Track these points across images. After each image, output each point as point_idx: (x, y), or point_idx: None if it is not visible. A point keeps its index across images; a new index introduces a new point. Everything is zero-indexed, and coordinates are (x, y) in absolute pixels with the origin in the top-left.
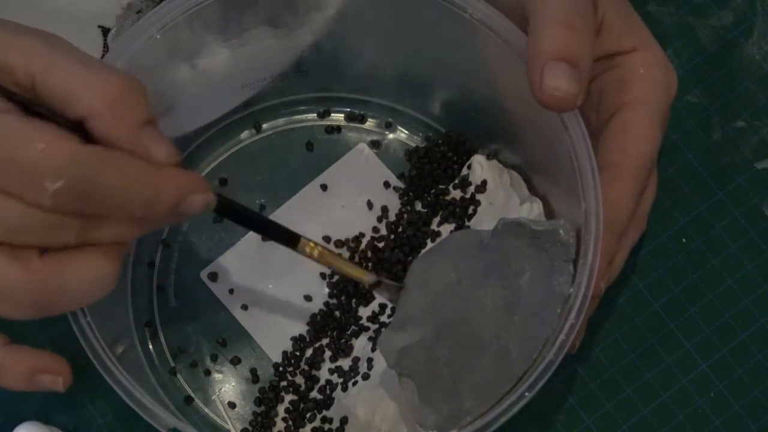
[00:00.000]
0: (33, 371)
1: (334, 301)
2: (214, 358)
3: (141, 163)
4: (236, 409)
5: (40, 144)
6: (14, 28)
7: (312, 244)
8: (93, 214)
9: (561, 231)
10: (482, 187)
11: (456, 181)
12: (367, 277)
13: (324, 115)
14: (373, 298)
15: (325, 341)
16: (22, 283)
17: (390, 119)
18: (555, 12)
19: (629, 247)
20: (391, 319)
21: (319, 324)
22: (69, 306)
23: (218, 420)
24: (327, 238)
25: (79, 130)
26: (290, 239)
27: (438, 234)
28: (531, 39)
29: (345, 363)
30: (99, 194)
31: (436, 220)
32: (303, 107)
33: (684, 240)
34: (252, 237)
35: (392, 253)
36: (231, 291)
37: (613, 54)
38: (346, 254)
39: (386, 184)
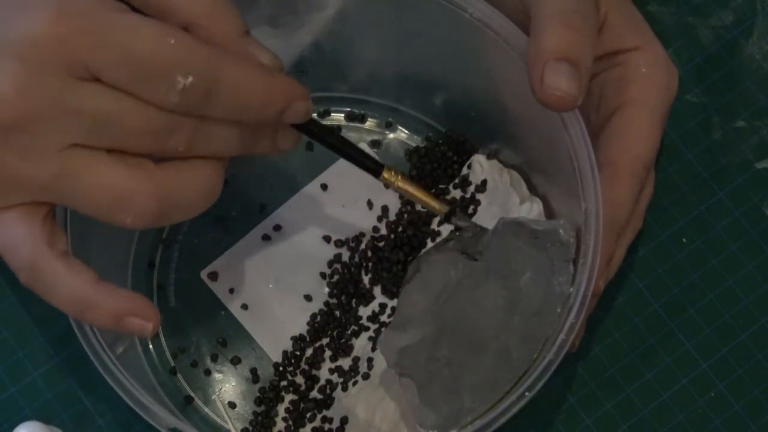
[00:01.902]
0: (124, 312)
1: (334, 301)
2: (214, 358)
3: (257, 64)
4: (236, 409)
5: (171, 39)
6: None
7: (394, 173)
8: (208, 118)
9: (561, 231)
10: (482, 186)
11: (456, 181)
12: (440, 207)
13: (324, 115)
14: (373, 298)
15: (325, 341)
16: (144, 191)
17: (390, 119)
18: (557, 12)
19: (627, 245)
20: (391, 319)
21: (319, 324)
22: (181, 216)
23: (218, 420)
24: (327, 238)
25: None
26: (374, 166)
27: (438, 234)
28: (532, 38)
29: (345, 363)
30: (222, 93)
31: (436, 220)
32: None
33: (684, 240)
34: (252, 237)
35: (392, 252)
36: (231, 291)
37: (614, 52)
38: (347, 254)
39: (386, 184)
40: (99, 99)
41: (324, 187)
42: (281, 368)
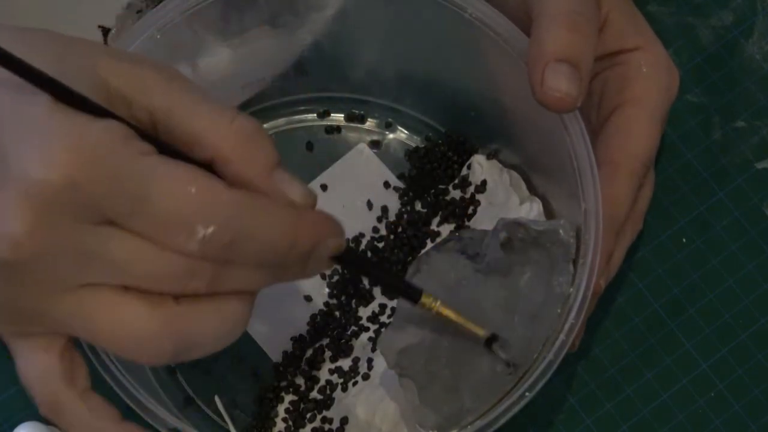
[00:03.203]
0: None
1: (334, 301)
2: (214, 358)
3: (285, 207)
4: (236, 409)
5: (192, 187)
6: (132, 57)
7: (433, 299)
8: (232, 261)
9: (561, 231)
10: (482, 187)
11: (456, 181)
12: (482, 333)
13: (324, 115)
14: (373, 298)
15: (325, 341)
16: (164, 333)
17: (390, 119)
18: (558, 13)
19: (627, 245)
20: (391, 319)
21: (319, 324)
22: (202, 354)
23: (218, 420)
24: None
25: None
26: (413, 294)
27: (438, 234)
28: (533, 39)
29: (345, 363)
30: (245, 241)
31: (436, 220)
32: (303, 107)
33: (684, 240)
34: None
35: (392, 253)
36: None
37: (615, 52)
38: None
39: (386, 184)
40: (113, 244)
41: (324, 187)
42: (281, 368)
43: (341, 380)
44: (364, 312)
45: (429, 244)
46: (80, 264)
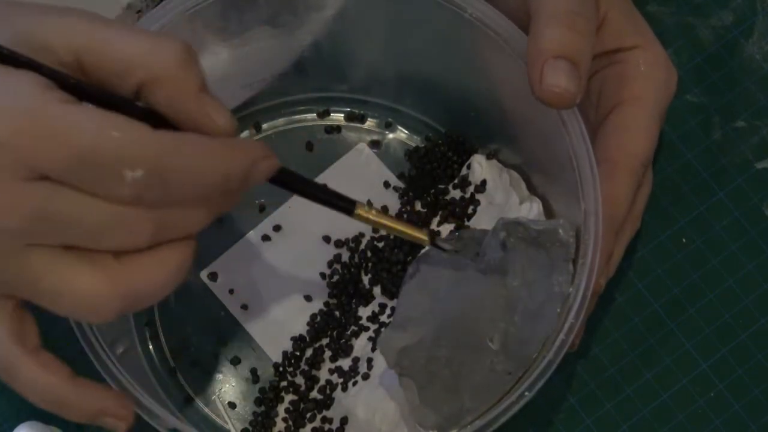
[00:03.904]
0: (99, 411)
1: (334, 301)
2: (214, 358)
3: (211, 138)
4: (236, 409)
5: (114, 132)
6: (47, 9)
7: (367, 208)
8: (167, 203)
9: (560, 230)
10: (482, 186)
11: (456, 181)
12: (422, 235)
13: (324, 115)
14: (373, 298)
15: (325, 341)
16: (106, 292)
17: (390, 119)
18: (557, 11)
19: (625, 244)
20: (391, 319)
21: (319, 324)
22: (149, 304)
23: (218, 420)
24: (327, 238)
25: (137, 114)
26: (346, 205)
27: (438, 234)
28: (531, 37)
29: (345, 363)
30: (177, 178)
31: (436, 219)
32: (303, 107)
33: (684, 240)
34: (252, 237)
35: (392, 253)
36: (231, 291)
37: (614, 50)
38: (347, 254)
39: (386, 184)
40: (48, 198)
41: None
42: (281, 368)
43: (341, 380)
44: (364, 312)
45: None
46: (18, 225)
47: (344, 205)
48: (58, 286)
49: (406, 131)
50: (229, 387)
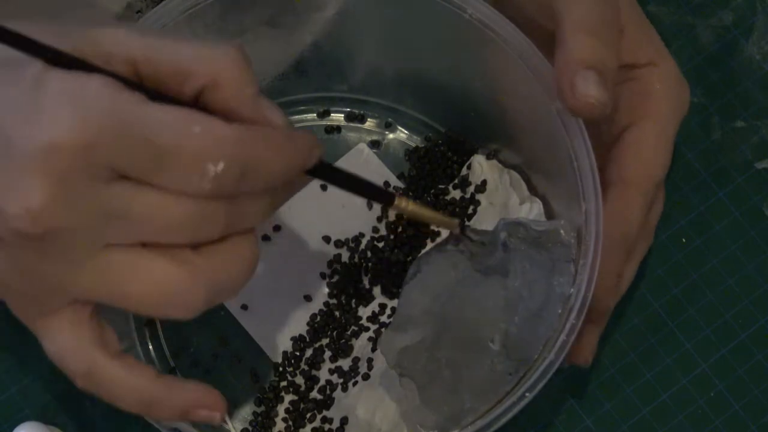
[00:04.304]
0: (191, 405)
1: (334, 301)
2: (214, 358)
3: (277, 130)
4: (236, 409)
5: (196, 127)
6: (100, 22)
7: (405, 200)
8: (241, 197)
9: (561, 231)
10: (482, 187)
11: (456, 181)
12: (452, 222)
13: (324, 115)
14: (373, 298)
15: (325, 341)
16: (192, 285)
17: (390, 119)
18: (585, 21)
19: (638, 262)
20: (391, 319)
21: (319, 324)
22: (230, 295)
23: None
24: (327, 238)
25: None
26: (387, 198)
27: (438, 234)
28: (560, 48)
29: (345, 363)
30: (254, 170)
31: None
32: (303, 107)
33: (684, 240)
34: None
35: (392, 253)
36: None
37: (629, 65)
38: (347, 254)
39: (386, 184)
40: (128, 198)
41: (324, 187)
42: (281, 368)
43: (341, 380)
44: (364, 312)
45: (429, 244)
46: (100, 225)
47: (385, 196)
48: (144, 284)
49: (406, 131)
50: (229, 387)
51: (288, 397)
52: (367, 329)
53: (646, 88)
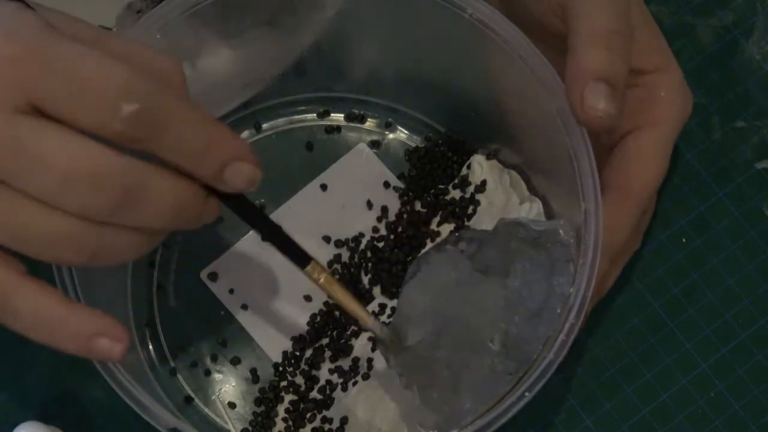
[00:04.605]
0: (92, 333)
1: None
2: (214, 358)
3: (199, 107)
4: (236, 409)
5: (117, 66)
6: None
7: (319, 270)
8: (148, 176)
9: (561, 231)
10: (482, 187)
11: (456, 181)
12: (369, 321)
13: (324, 115)
14: (373, 298)
15: (325, 341)
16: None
17: (390, 119)
18: (597, 30)
19: (621, 267)
20: (391, 319)
21: (319, 324)
22: (149, 224)
23: (218, 420)
24: (327, 238)
25: None
26: (301, 260)
27: (438, 234)
28: (571, 58)
29: (345, 363)
30: (165, 127)
31: (436, 220)
32: (303, 107)
33: (684, 240)
34: (252, 237)
35: (392, 253)
36: (231, 291)
37: (636, 71)
38: (346, 254)
39: (386, 184)
40: (42, 134)
41: (324, 187)
42: (281, 368)
43: (341, 380)
44: None
45: (429, 244)
46: (8, 158)
47: (299, 256)
48: (30, 227)
49: (406, 131)
50: (229, 387)
51: (288, 397)
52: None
53: (650, 96)
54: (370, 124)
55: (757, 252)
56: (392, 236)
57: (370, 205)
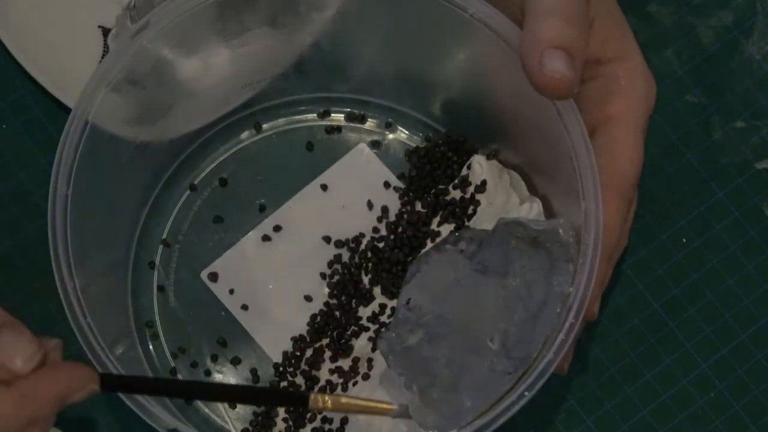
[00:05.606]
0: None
1: (334, 301)
2: (214, 358)
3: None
4: (236, 409)
5: None
6: None
7: (322, 398)
8: None
9: (560, 230)
10: (482, 187)
11: (456, 181)
12: (395, 411)
13: (324, 115)
14: (373, 298)
15: (325, 341)
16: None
17: (390, 119)
18: (551, 6)
19: (613, 264)
20: (391, 319)
21: (319, 324)
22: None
23: (218, 420)
24: (327, 238)
25: None
26: (300, 400)
27: (438, 234)
28: (528, 29)
29: (345, 363)
30: None
31: (436, 220)
32: (303, 107)
33: (684, 240)
34: (252, 237)
35: (392, 253)
36: (231, 291)
37: (595, 61)
38: (347, 254)
39: (386, 184)
40: None
41: (324, 187)
42: (281, 369)
43: (341, 380)
44: (364, 312)
45: (429, 244)
46: None
47: (294, 399)
48: None
49: (406, 131)
50: None
51: None
52: (367, 329)
53: (610, 86)
54: (370, 124)
55: (757, 252)
56: (392, 236)
57: (370, 205)
